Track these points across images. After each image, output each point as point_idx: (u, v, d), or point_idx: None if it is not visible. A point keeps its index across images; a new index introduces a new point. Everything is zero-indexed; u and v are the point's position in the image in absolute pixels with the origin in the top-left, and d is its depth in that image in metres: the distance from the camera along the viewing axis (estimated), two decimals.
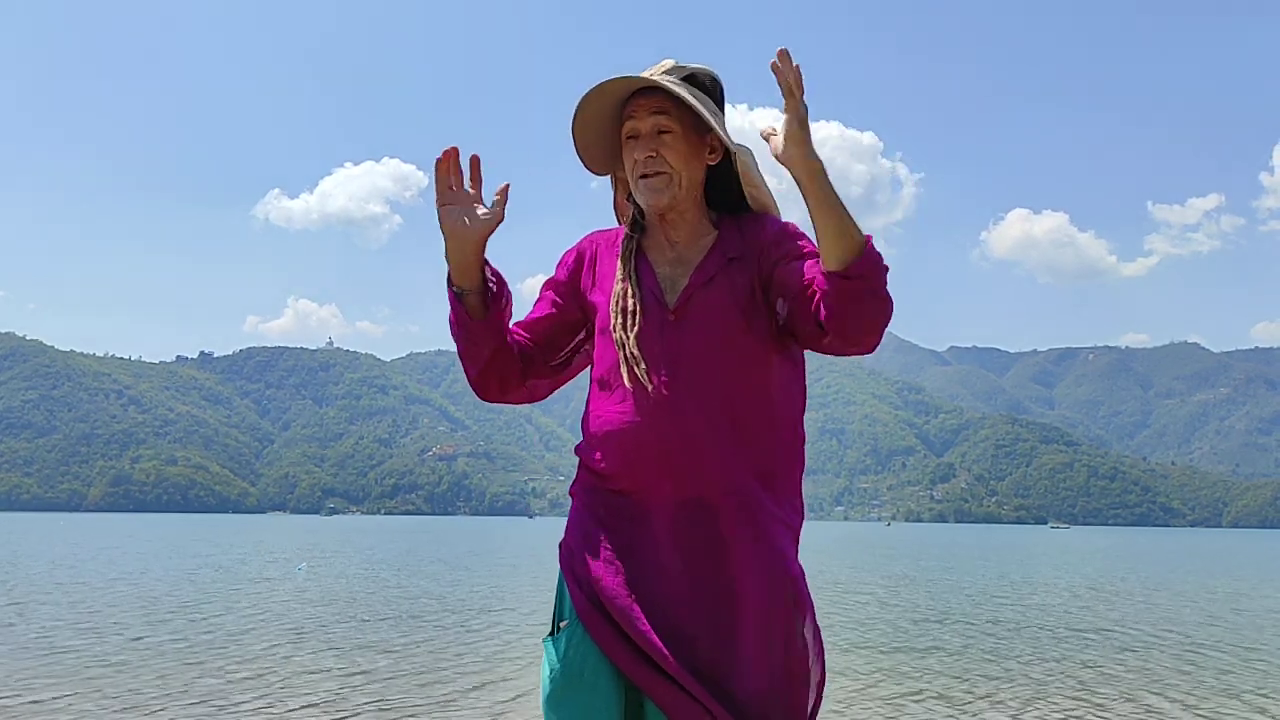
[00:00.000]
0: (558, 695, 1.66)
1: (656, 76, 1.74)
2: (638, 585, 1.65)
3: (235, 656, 7.93)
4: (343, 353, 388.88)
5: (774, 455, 1.73)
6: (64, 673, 7.02)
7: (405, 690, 6.59)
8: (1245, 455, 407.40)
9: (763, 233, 1.79)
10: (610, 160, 1.87)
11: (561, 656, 1.66)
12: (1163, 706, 6.50)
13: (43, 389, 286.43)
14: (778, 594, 1.66)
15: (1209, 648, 9.60)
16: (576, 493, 1.81)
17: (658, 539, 1.67)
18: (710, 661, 1.62)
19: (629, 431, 1.69)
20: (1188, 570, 26.38)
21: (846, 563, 26.47)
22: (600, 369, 1.76)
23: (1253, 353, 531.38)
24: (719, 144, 1.81)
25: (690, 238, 1.81)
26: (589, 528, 1.73)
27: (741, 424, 1.69)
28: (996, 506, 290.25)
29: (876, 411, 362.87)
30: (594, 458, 1.75)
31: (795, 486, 1.77)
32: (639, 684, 1.63)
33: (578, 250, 1.89)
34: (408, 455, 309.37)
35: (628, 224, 1.86)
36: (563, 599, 1.74)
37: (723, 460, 1.66)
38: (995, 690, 6.95)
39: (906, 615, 12.14)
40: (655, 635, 1.62)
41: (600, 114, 1.79)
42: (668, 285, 1.76)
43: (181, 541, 35.92)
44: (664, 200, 1.76)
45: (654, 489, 1.67)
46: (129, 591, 14.00)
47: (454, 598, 13.87)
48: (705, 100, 1.77)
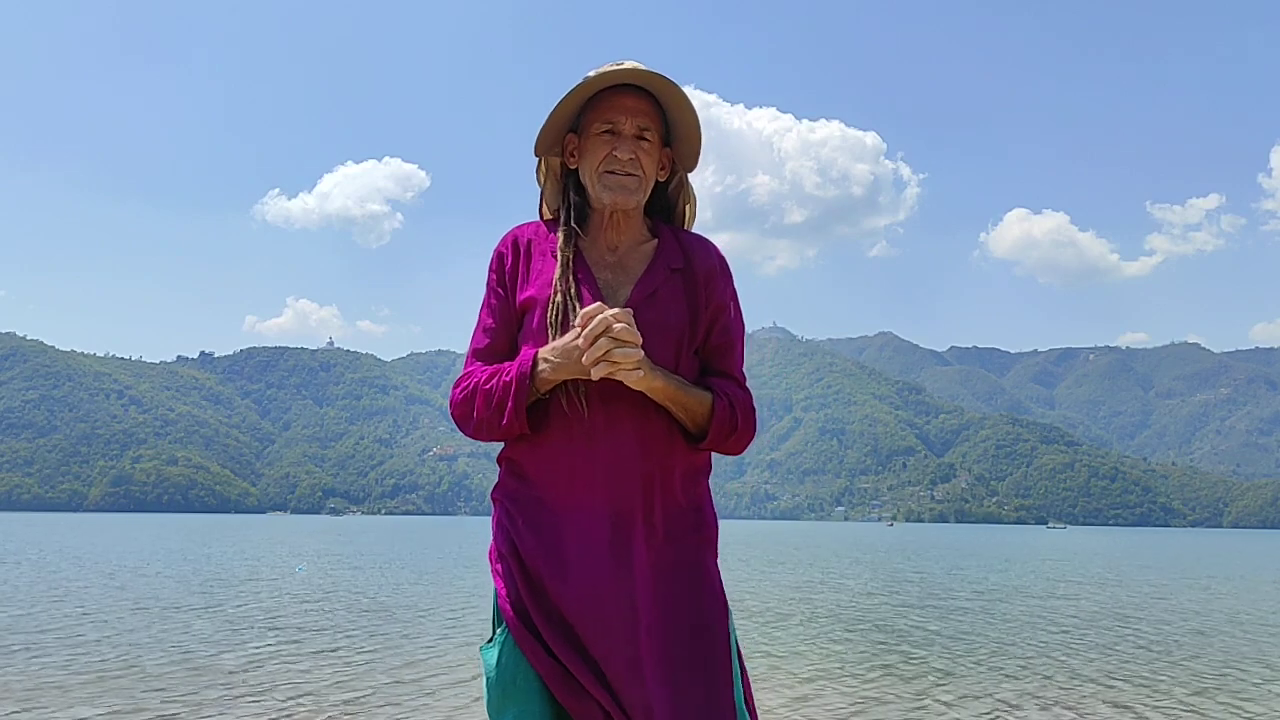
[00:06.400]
0: (495, 703, 1.67)
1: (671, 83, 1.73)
2: (559, 595, 1.66)
3: (235, 656, 7.93)
4: (343, 353, 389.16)
5: (690, 466, 1.76)
6: (64, 673, 7.02)
7: (405, 689, 6.59)
8: (1246, 455, 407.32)
9: (709, 258, 1.82)
10: (550, 145, 1.84)
11: (496, 665, 1.67)
12: (1159, 708, 6.50)
13: (43, 389, 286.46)
14: (695, 598, 1.69)
15: (1209, 647, 9.60)
16: (499, 498, 1.79)
17: (579, 548, 1.67)
18: (625, 675, 1.62)
19: (559, 442, 1.69)
20: (1180, 569, 26.41)
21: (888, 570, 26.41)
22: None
23: (1253, 353, 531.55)
24: (669, 160, 1.85)
25: (631, 243, 1.81)
26: (512, 535, 1.73)
27: (667, 439, 1.71)
28: (997, 507, 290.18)
29: (877, 412, 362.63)
30: (519, 465, 1.75)
31: (707, 494, 1.82)
32: (557, 696, 1.64)
33: (503, 252, 1.84)
34: (408, 455, 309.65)
35: (565, 219, 1.80)
36: (497, 606, 1.74)
37: (647, 474, 1.69)
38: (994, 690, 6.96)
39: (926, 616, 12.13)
40: (572, 647, 1.64)
41: (578, 99, 1.77)
42: (609, 293, 1.75)
43: (181, 542, 35.90)
44: (632, 202, 1.76)
45: (579, 500, 1.68)
46: (129, 591, 14.00)
47: (455, 598, 13.88)
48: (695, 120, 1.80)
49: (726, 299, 1.81)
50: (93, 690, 6.36)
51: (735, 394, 1.76)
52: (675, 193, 1.90)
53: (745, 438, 1.76)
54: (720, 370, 1.79)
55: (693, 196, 1.92)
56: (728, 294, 1.81)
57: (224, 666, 7.39)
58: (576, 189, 1.82)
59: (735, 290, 1.85)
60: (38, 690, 6.32)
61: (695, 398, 1.69)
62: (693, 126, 1.79)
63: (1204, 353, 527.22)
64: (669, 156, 1.84)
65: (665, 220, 1.90)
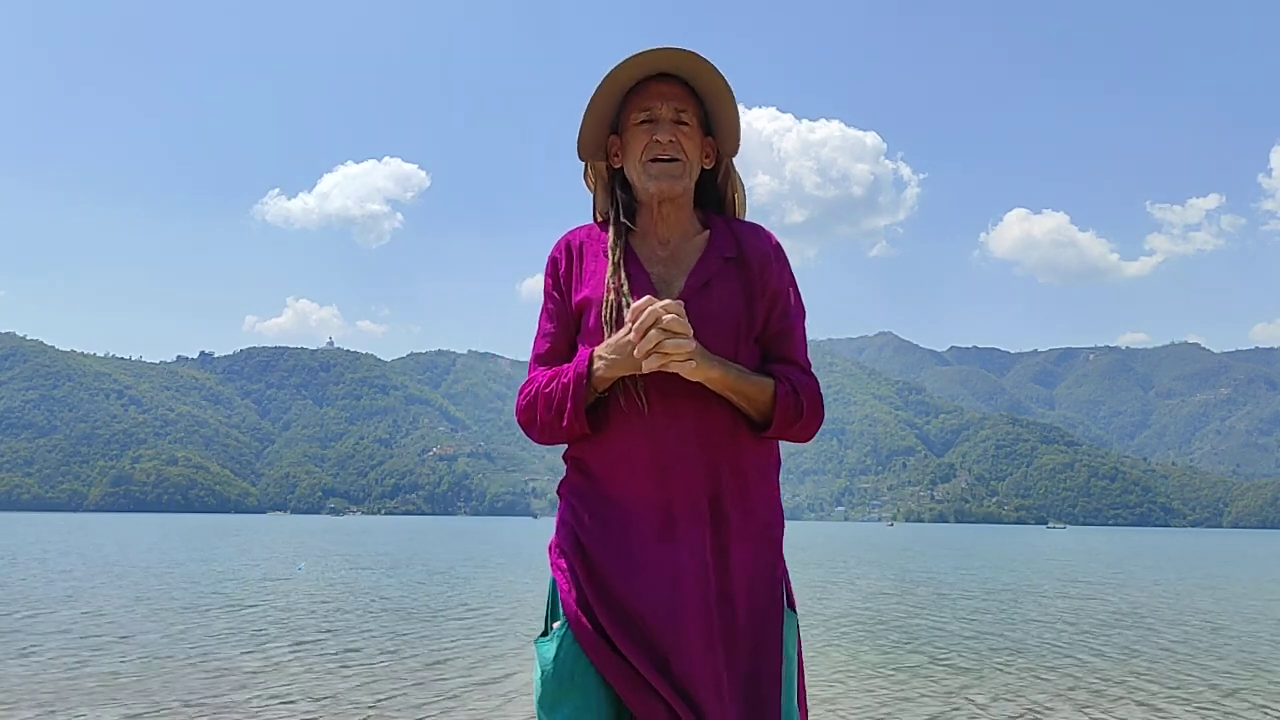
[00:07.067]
0: (550, 698, 1.65)
1: (702, 59, 1.73)
2: (625, 590, 1.65)
3: (236, 655, 7.88)
4: (343, 353, 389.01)
5: (759, 460, 1.75)
6: (64, 674, 6.96)
7: (406, 688, 6.54)
8: (1246, 456, 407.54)
9: (763, 244, 1.80)
10: (594, 150, 1.85)
11: (553, 659, 1.66)
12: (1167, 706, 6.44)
13: (43, 389, 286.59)
14: (759, 599, 1.68)
15: (1207, 647, 9.55)
16: (564, 494, 1.79)
17: (645, 544, 1.66)
18: (690, 671, 1.62)
19: (623, 438, 1.69)
20: (1187, 569, 26.35)
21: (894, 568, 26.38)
22: None
23: (1253, 353, 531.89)
24: (714, 149, 1.84)
25: (682, 236, 1.79)
26: (578, 530, 1.73)
27: (731, 430, 1.70)
28: (997, 507, 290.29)
29: (877, 412, 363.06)
30: (584, 462, 1.74)
31: (775, 490, 1.79)
32: (618, 690, 1.63)
33: (556, 257, 1.84)
34: (408, 455, 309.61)
35: (615, 215, 1.80)
36: (555, 600, 1.73)
37: (712, 468, 1.67)
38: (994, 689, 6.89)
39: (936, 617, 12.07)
40: (636, 642, 1.62)
41: (612, 94, 1.78)
42: (662, 287, 1.74)
43: (181, 542, 35.85)
44: (678, 188, 1.75)
45: (644, 495, 1.67)
46: (141, 592, 13.94)
47: (456, 598, 13.81)
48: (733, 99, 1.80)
49: (783, 284, 1.79)
50: (112, 693, 6.29)
51: (799, 379, 1.74)
52: (724, 183, 1.89)
53: (812, 424, 1.74)
54: (782, 356, 1.77)
55: (741, 185, 1.91)
56: (784, 279, 1.80)
57: (244, 668, 7.33)
58: (623, 187, 1.82)
59: (793, 275, 1.83)
60: (57, 695, 6.26)
61: (756, 385, 1.68)
62: (729, 106, 1.78)
63: (1204, 353, 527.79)
64: (712, 146, 1.84)
65: (717, 211, 1.88)
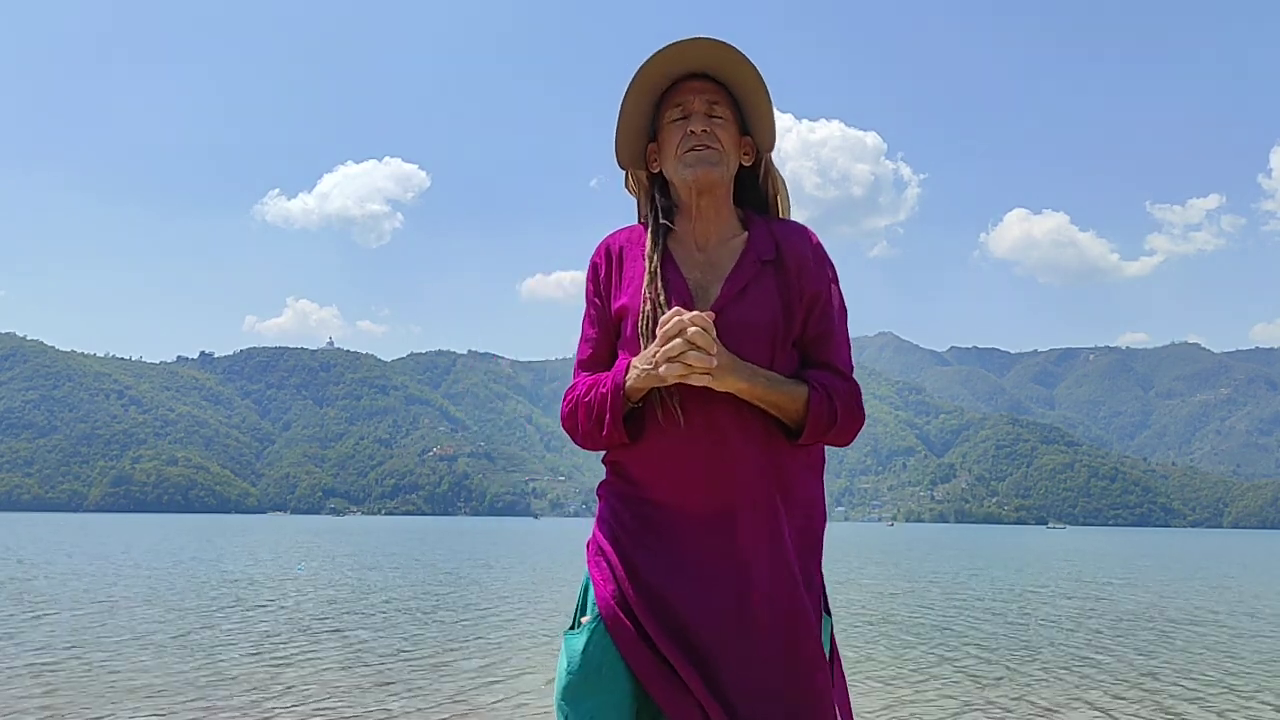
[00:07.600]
0: (574, 689, 1.66)
1: (736, 50, 1.72)
2: (662, 590, 1.66)
3: (237, 655, 7.88)
4: (343, 353, 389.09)
5: (798, 464, 1.74)
6: (64, 675, 6.95)
7: (407, 688, 6.53)
8: (1246, 456, 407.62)
9: (802, 245, 1.78)
10: (634, 155, 1.85)
11: (582, 651, 1.67)
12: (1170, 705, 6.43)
13: (43, 389, 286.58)
14: (798, 602, 1.67)
15: (1206, 647, 9.54)
16: (604, 495, 1.80)
17: (684, 547, 1.67)
18: (726, 674, 1.62)
19: (660, 447, 1.69)
20: (1190, 569, 26.35)
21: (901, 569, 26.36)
22: None
23: (1253, 353, 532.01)
24: (752, 147, 1.84)
25: (720, 238, 1.78)
26: (618, 531, 1.74)
27: (766, 438, 1.69)
28: (997, 507, 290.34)
29: (877, 412, 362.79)
30: (624, 467, 1.75)
31: (817, 492, 1.78)
32: (648, 688, 1.63)
33: (596, 262, 1.84)
34: (408, 455, 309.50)
35: (653, 220, 1.80)
36: (587, 594, 1.74)
37: (752, 474, 1.67)
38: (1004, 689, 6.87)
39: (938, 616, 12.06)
40: (675, 641, 1.63)
41: (644, 101, 1.78)
42: (699, 293, 1.73)
43: (184, 542, 35.83)
44: (714, 174, 1.73)
45: (684, 500, 1.68)
46: (129, 592, 13.93)
47: (462, 598, 13.80)
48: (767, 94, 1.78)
49: (823, 285, 1.76)
50: (125, 695, 6.28)
51: (833, 385, 1.71)
52: (765, 182, 1.88)
53: (849, 429, 1.73)
54: (820, 361, 1.75)
55: (784, 184, 1.90)
56: (824, 280, 1.77)
57: (254, 668, 7.32)
58: (663, 192, 1.83)
59: (834, 273, 1.81)
60: (68, 697, 6.24)
61: (786, 394, 1.66)
62: (763, 98, 1.77)
63: (1204, 353, 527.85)
64: (750, 144, 1.83)
65: (760, 212, 1.86)
